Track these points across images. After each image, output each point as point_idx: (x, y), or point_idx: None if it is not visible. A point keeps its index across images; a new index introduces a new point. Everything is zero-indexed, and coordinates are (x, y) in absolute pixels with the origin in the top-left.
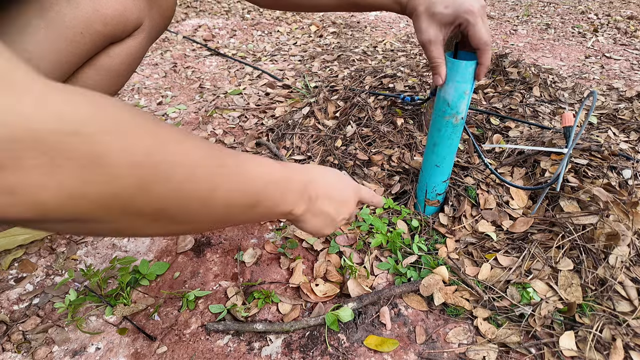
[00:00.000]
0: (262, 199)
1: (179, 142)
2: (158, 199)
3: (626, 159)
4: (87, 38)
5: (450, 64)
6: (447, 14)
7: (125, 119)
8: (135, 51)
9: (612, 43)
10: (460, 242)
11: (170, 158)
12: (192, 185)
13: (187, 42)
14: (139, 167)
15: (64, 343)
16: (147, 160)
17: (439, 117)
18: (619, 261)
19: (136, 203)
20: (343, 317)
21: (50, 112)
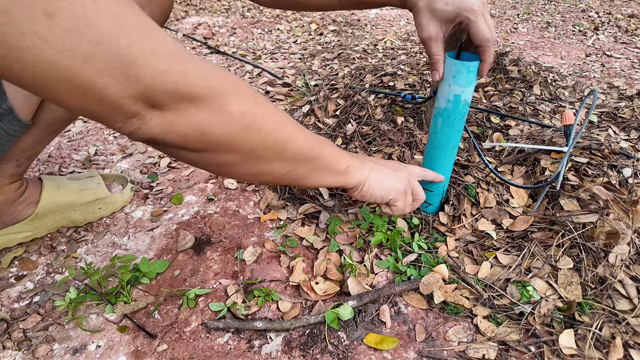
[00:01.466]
0: (322, 152)
1: (268, 105)
2: (253, 141)
3: (626, 157)
4: None
5: (451, 64)
6: (448, 11)
7: (239, 85)
8: None
9: (613, 41)
10: (460, 241)
11: (264, 114)
12: (276, 135)
13: (187, 40)
14: (244, 118)
15: (65, 341)
16: (249, 113)
17: (442, 108)
18: (618, 260)
19: (239, 142)
20: (343, 315)
21: (197, 75)
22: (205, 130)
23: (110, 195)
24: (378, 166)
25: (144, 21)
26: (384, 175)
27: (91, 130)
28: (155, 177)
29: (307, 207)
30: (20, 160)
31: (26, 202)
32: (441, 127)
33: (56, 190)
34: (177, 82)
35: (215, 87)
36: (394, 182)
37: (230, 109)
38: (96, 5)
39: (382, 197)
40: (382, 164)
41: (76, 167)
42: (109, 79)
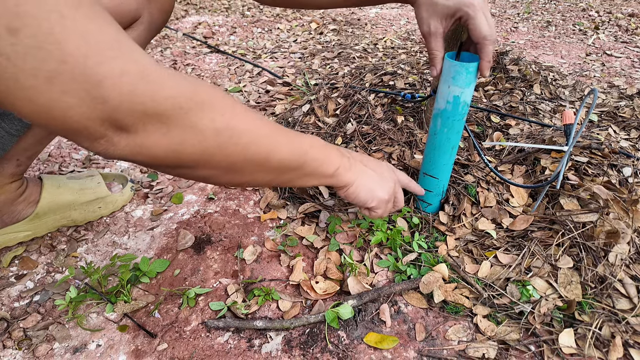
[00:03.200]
0: (308, 158)
1: (247, 116)
2: (230, 156)
3: (626, 156)
4: None
5: (450, 65)
6: (448, 6)
7: (214, 98)
8: None
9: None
10: (460, 240)
11: (242, 127)
12: (255, 148)
13: (187, 39)
14: (219, 134)
15: (65, 340)
16: (224, 129)
17: (442, 109)
18: (618, 259)
19: (216, 158)
20: (343, 315)
21: (165, 94)
22: (178, 150)
23: (110, 195)
24: (367, 170)
25: (115, 38)
26: (371, 181)
27: None
28: (155, 176)
29: (307, 206)
30: (21, 160)
31: (26, 202)
32: (440, 128)
33: (56, 189)
34: (145, 103)
35: (186, 104)
36: (380, 191)
37: (204, 127)
38: (64, 21)
39: (365, 203)
40: (372, 167)
41: (76, 166)
42: (74, 100)
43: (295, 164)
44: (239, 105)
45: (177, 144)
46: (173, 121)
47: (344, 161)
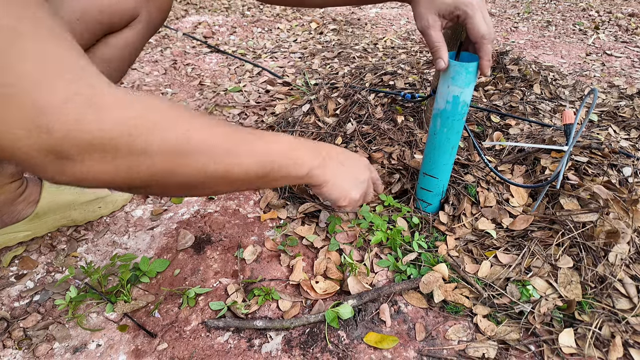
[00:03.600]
0: (275, 165)
1: (205, 132)
2: (186, 176)
3: (626, 156)
4: (83, 25)
5: (450, 65)
6: (447, 3)
7: (167, 118)
8: (132, 42)
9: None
10: (460, 240)
11: (197, 146)
12: (214, 166)
13: (187, 39)
14: (171, 157)
15: (65, 340)
16: (176, 152)
17: (441, 109)
18: (618, 259)
19: (169, 179)
20: (343, 314)
21: (114, 121)
22: (128, 175)
23: (110, 194)
24: (342, 170)
25: (69, 61)
26: (346, 182)
27: None
28: None
29: (307, 206)
30: None
31: (26, 202)
32: (440, 128)
33: (56, 189)
34: (92, 132)
35: (135, 130)
36: (353, 191)
37: (153, 151)
38: (17, 44)
39: (337, 201)
40: (349, 165)
41: None
42: (19, 130)
43: (262, 172)
44: (196, 120)
45: (125, 171)
46: (120, 149)
47: (318, 161)
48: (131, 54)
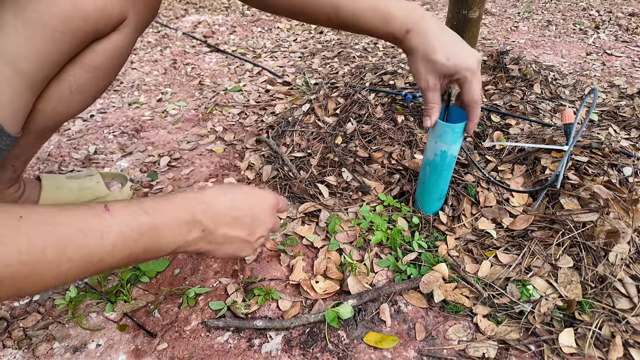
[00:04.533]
0: (134, 252)
1: (17, 247)
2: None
3: (627, 156)
4: (68, 36)
5: (438, 125)
6: (448, 67)
7: None
8: (121, 45)
9: (614, 40)
10: (460, 240)
11: (7, 271)
12: (35, 278)
13: (187, 38)
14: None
15: (65, 339)
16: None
17: (430, 159)
18: (618, 258)
19: (25, 287)
20: (343, 314)
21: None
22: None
23: (110, 194)
24: (229, 235)
25: None
26: (232, 248)
27: (91, 129)
28: (155, 176)
29: (307, 205)
30: (17, 165)
31: (25, 203)
32: (429, 176)
33: (55, 189)
34: None
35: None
36: (244, 251)
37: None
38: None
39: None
40: (237, 225)
41: (76, 166)
42: None
43: (128, 257)
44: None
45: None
46: None
47: (192, 235)
48: (121, 57)
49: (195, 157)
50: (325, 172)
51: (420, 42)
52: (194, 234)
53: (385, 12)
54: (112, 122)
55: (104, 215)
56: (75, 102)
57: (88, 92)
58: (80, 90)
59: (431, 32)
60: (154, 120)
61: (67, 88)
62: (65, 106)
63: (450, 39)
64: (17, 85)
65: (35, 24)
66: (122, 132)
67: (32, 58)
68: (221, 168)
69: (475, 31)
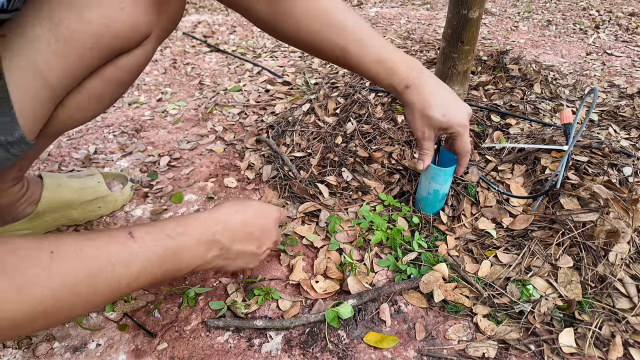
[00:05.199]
0: (161, 269)
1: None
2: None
3: (627, 156)
4: (95, 52)
5: (430, 169)
6: (443, 122)
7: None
8: (142, 60)
9: (614, 40)
10: (460, 239)
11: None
12: (65, 313)
13: (187, 38)
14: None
15: (65, 339)
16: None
17: (424, 197)
18: (618, 258)
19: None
20: (343, 314)
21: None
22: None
23: (111, 194)
24: (241, 252)
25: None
26: (242, 262)
27: (91, 129)
28: (155, 176)
29: (307, 205)
30: (23, 164)
31: (27, 202)
32: (423, 208)
33: (56, 188)
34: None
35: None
36: (252, 263)
37: None
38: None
39: (237, 269)
40: (248, 241)
41: (76, 166)
42: None
43: (138, 288)
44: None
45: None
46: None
47: (210, 255)
48: (139, 69)
49: (195, 157)
50: (325, 172)
51: (418, 98)
52: (212, 253)
53: (389, 65)
54: (112, 122)
55: (129, 244)
56: (91, 110)
57: (104, 102)
58: (98, 100)
59: (428, 88)
60: (154, 120)
61: (86, 98)
62: (82, 114)
63: (444, 95)
64: (44, 98)
65: (68, 41)
66: (122, 132)
67: (61, 72)
68: (221, 168)
69: (475, 31)
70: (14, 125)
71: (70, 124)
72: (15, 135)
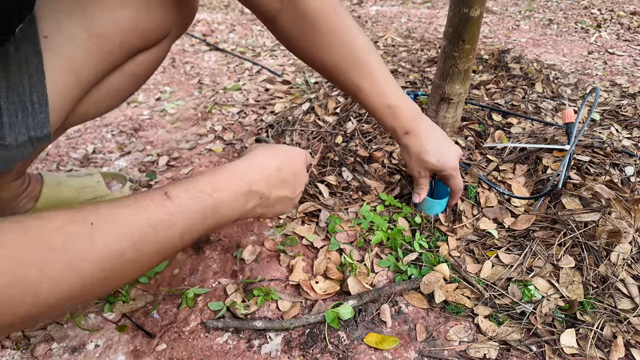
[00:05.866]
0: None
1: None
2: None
3: (629, 155)
4: (123, 49)
5: (426, 200)
6: (437, 166)
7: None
8: (159, 57)
9: (615, 39)
10: (461, 240)
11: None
12: (115, 280)
13: (186, 37)
14: None
15: (63, 340)
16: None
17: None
18: (620, 258)
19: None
20: (343, 315)
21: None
22: None
23: (110, 194)
24: (275, 196)
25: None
26: (283, 207)
27: (89, 128)
28: (153, 176)
29: (307, 205)
30: None
31: (28, 197)
32: (424, 210)
33: (56, 186)
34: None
35: None
36: (288, 208)
37: None
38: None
39: (276, 215)
40: (281, 187)
41: (74, 165)
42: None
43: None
44: (39, 254)
45: None
46: None
47: (250, 205)
48: (156, 66)
49: (194, 156)
50: (325, 172)
51: (415, 143)
52: (252, 203)
53: (395, 112)
54: (111, 122)
55: (167, 205)
56: (106, 105)
57: (120, 96)
58: (115, 95)
59: (425, 135)
60: (152, 119)
61: (104, 93)
62: (96, 108)
63: (438, 140)
64: (74, 94)
65: (99, 38)
66: (120, 131)
67: (92, 69)
68: None
69: (476, 30)
70: (46, 123)
71: (84, 118)
72: (44, 132)
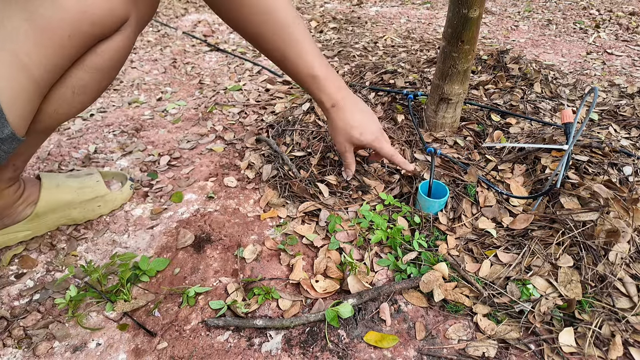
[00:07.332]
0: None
1: None
2: None
3: (627, 155)
4: (75, 40)
5: (425, 200)
6: (361, 140)
7: None
8: (123, 46)
9: (614, 39)
10: (460, 239)
11: None
12: None
13: (187, 37)
14: None
15: (65, 339)
16: None
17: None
18: (618, 258)
19: None
20: (343, 313)
21: None
22: None
23: (110, 193)
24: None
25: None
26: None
27: (91, 128)
28: (155, 175)
29: (307, 205)
30: (17, 164)
31: (25, 203)
32: (423, 209)
33: (55, 188)
34: None
35: None
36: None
37: None
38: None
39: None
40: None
41: (75, 165)
42: None
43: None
44: None
45: None
46: None
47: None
48: (122, 57)
49: (195, 156)
50: (325, 172)
51: (340, 117)
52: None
53: (319, 82)
54: (112, 122)
55: None
56: (77, 102)
57: (90, 93)
58: (82, 91)
59: (349, 109)
60: (153, 119)
61: (69, 90)
62: (67, 107)
63: (361, 114)
64: (30, 92)
65: (44, 30)
66: (122, 131)
67: (43, 64)
68: (221, 167)
69: (475, 30)
70: (3, 122)
71: (58, 118)
72: (5, 132)
